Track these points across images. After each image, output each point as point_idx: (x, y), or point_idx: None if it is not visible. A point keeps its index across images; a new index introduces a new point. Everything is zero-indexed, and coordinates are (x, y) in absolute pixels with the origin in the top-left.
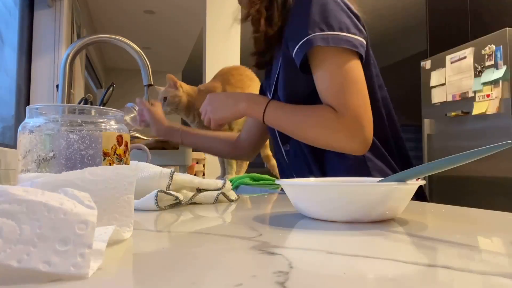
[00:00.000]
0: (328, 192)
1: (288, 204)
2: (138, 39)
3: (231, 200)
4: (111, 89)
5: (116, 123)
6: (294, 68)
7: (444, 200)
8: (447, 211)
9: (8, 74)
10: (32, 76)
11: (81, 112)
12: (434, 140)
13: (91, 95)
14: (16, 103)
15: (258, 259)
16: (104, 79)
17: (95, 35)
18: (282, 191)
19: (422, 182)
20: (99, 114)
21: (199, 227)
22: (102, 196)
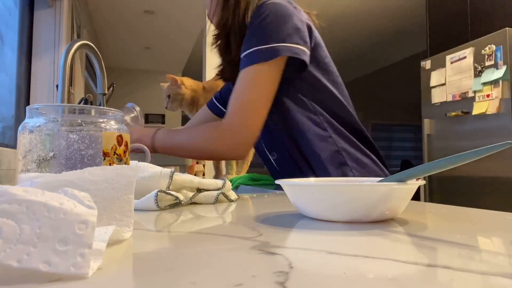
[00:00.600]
0: (328, 192)
1: (288, 204)
2: (138, 39)
3: (231, 200)
4: (111, 89)
5: (116, 123)
6: None
7: (444, 200)
8: (447, 211)
9: (8, 74)
10: (32, 76)
11: (81, 112)
12: (434, 140)
13: (91, 95)
14: (16, 103)
15: (258, 259)
16: None
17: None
18: (282, 191)
19: (422, 182)
20: (99, 114)
21: (199, 227)
22: (102, 196)
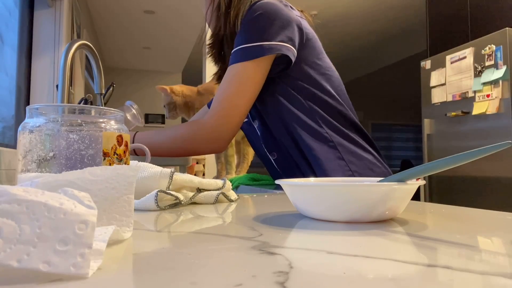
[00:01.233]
0: (328, 192)
1: (288, 204)
2: (138, 39)
3: (231, 200)
4: (111, 89)
5: (116, 123)
6: None
7: (444, 200)
8: (447, 211)
9: (8, 74)
10: (32, 76)
11: (81, 112)
12: (434, 140)
13: (91, 95)
14: (16, 103)
15: (258, 259)
16: (104, 79)
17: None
18: (282, 191)
19: (422, 182)
20: (99, 114)
21: (199, 227)
22: (102, 196)
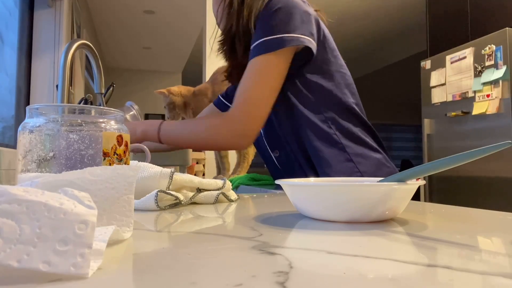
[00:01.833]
0: (328, 192)
1: (288, 204)
2: (138, 39)
3: (231, 200)
4: (111, 89)
5: (116, 123)
6: None
7: (444, 200)
8: (447, 211)
9: (8, 74)
10: (32, 76)
11: (81, 112)
12: (434, 140)
13: (91, 95)
14: (16, 103)
15: (258, 259)
16: (104, 79)
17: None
18: (282, 191)
19: (422, 182)
20: (99, 114)
21: (199, 227)
22: (102, 196)
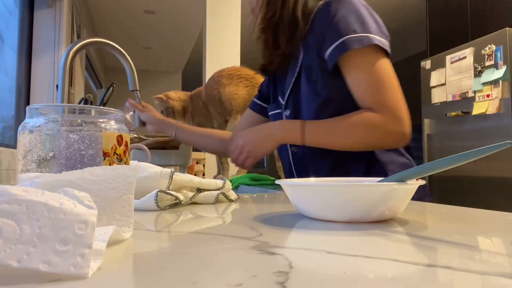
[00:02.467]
0: (328, 192)
1: (288, 204)
2: (138, 39)
3: (231, 200)
4: (111, 89)
5: (116, 123)
6: (319, 74)
7: (444, 200)
8: (447, 211)
9: (8, 74)
10: (32, 76)
11: (81, 112)
12: (434, 140)
13: (91, 95)
14: (16, 103)
15: (258, 259)
16: (104, 79)
17: (94, 38)
18: (282, 191)
19: (422, 182)
20: (99, 114)
21: (199, 227)
22: (102, 196)
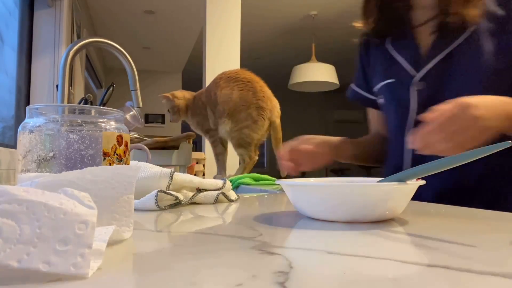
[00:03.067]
0: (328, 192)
1: (288, 204)
2: (138, 39)
3: (231, 200)
4: (111, 89)
5: (116, 123)
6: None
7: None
8: (447, 211)
9: (8, 74)
10: (32, 76)
11: (81, 112)
12: None
13: (91, 95)
14: (16, 103)
15: (258, 259)
16: (104, 79)
17: (94, 37)
18: (282, 191)
19: (422, 182)
20: (99, 114)
21: (199, 227)
22: (102, 196)
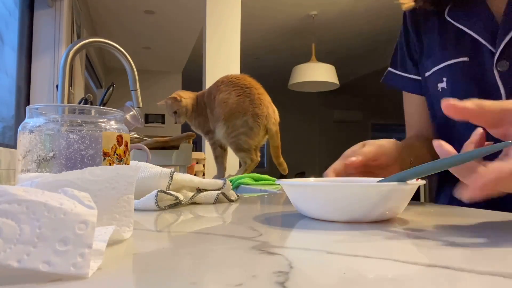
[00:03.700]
0: (328, 192)
1: (288, 204)
2: (138, 39)
3: (231, 200)
4: (111, 89)
5: (116, 123)
6: None
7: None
8: (447, 211)
9: (8, 74)
10: (32, 76)
11: (81, 112)
12: None
13: (91, 95)
14: (16, 103)
15: (258, 259)
16: (104, 79)
17: (94, 37)
18: (282, 191)
19: (422, 182)
20: (99, 114)
21: (199, 227)
22: (102, 196)
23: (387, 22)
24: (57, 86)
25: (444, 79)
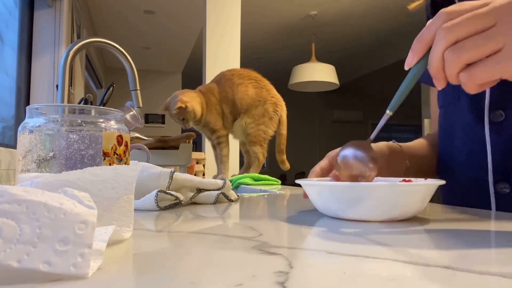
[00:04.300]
0: (356, 192)
1: (288, 204)
2: (138, 39)
3: (231, 200)
4: (111, 89)
5: (116, 123)
6: None
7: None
8: (448, 211)
9: (8, 74)
10: (32, 76)
11: (81, 112)
12: None
13: (91, 95)
14: (16, 103)
15: (258, 259)
16: (104, 79)
17: (94, 37)
18: (282, 191)
19: (442, 182)
20: (99, 114)
21: (199, 227)
22: (102, 196)
23: (387, 22)
24: (57, 86)
25: None
